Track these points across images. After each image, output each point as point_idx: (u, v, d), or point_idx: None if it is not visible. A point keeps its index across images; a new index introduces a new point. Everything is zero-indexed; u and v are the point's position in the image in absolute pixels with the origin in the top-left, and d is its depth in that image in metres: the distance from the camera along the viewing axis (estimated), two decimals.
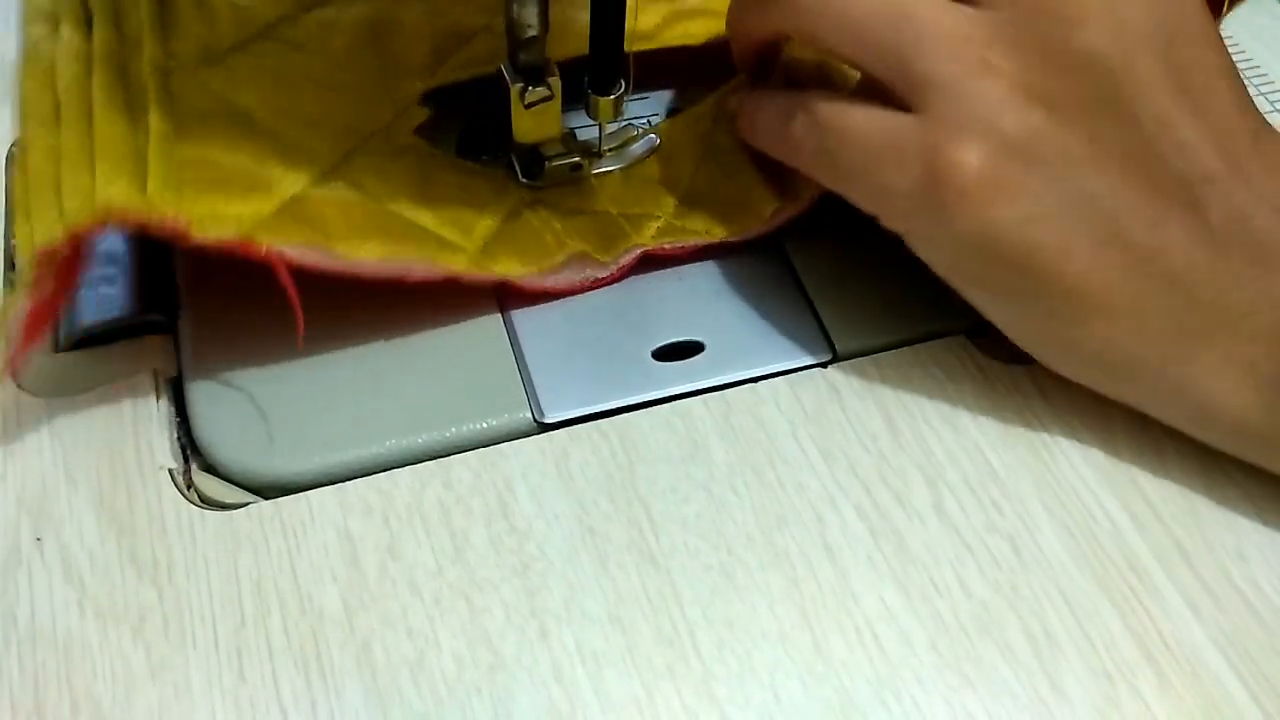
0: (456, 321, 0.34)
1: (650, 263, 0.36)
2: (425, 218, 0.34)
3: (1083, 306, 0.29)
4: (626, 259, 0.35)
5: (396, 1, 0.38)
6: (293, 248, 0.30)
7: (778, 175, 0.36)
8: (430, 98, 0.37)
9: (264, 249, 0.30)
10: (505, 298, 0.35)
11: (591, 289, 0.35)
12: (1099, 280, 0.29)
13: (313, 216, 0.32)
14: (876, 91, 0.31)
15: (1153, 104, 0.29)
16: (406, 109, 0.37)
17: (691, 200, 0.37)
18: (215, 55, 0.35)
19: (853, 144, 0.31)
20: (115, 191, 0.29)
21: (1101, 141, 0.29)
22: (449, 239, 0.34)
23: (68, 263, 0.29)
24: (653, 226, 0.36)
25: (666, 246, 0.36)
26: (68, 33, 0.33)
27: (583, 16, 0.35)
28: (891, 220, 0.31)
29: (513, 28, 0.34)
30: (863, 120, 0.31)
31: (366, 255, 0.32)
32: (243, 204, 0.31)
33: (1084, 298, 0.29)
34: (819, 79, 0.37)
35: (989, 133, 0.29)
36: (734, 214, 0.36)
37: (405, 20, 0.38)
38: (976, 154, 0.29)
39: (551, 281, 0.35)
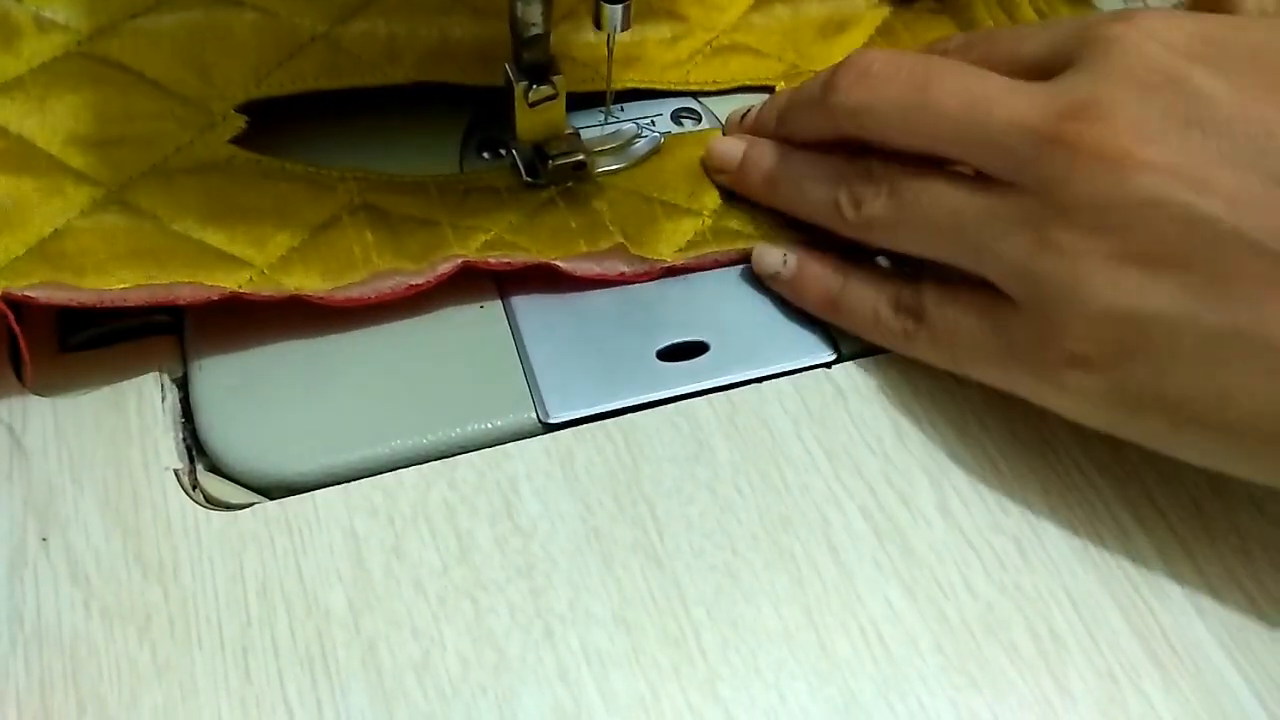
0: (461, 321, 0.34)
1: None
2: (214, 236, 0.34)
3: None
4: (445, 267, 0.33)
5: (229, 8, 0.38)
6: (35, 289, 0.31)
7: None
8: (250, 109, 0.37)
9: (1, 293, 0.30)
10: (510, 296, 0.35)
11: (405, 295, 0.33)
12: None
13: (69, 251, 0.32)
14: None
15: None
16: (218, 122, 0.36)
17: (532, 222, 0.36)
18: (8, 82, 0.35)
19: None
20: None
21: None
22: (237, 254, 0.33)
23: None
24: (480, 239, 0.35)
25: (491, 260, 0.34)
26: None
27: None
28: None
29: (517, 26, 0.34)
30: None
31: (119, 284, 0.32)
32: None
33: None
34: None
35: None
36: (565, 241, 0.35)
37: (234, 28, 0.38)
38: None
39: (349, 294, 0.33)
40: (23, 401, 0.32)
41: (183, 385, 0.33)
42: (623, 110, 0.40)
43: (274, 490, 0.31)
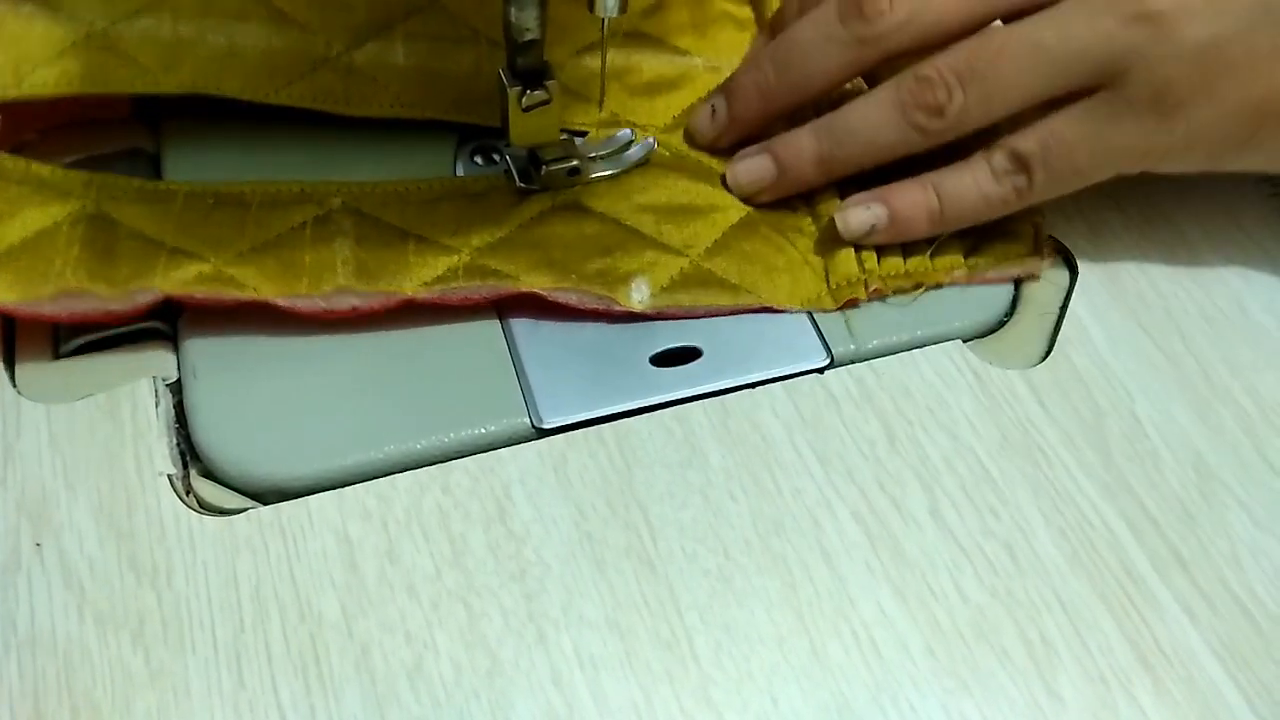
0: (455, 326, 0.34)
1: None
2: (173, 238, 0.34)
3: None
4: (389, 301, 0.33)
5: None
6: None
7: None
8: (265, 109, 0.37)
9: None
10: (504, 304, 0.35)
11: (349, 316, 0.33)
12: None
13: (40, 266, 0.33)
14: None
15: None
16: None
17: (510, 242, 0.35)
18: None
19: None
20: None
21: None
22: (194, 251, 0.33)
23: None
24: (442, 265, 0.34)
25: (435, 296, 0.33)
26: None
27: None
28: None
29: (510, 31, 0.34)
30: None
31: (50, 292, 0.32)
32: None
33: None
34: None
35: None
36: (546, 268, 0.35)
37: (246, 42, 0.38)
38: None
39: (300, 304, 0.33)
40: (16, 406, 0.32)
41: (176, 391, 0.33)
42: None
43: (268, 495, 0.31)
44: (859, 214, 0.35)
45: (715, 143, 0.38)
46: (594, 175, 0.38)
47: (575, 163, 0.37)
